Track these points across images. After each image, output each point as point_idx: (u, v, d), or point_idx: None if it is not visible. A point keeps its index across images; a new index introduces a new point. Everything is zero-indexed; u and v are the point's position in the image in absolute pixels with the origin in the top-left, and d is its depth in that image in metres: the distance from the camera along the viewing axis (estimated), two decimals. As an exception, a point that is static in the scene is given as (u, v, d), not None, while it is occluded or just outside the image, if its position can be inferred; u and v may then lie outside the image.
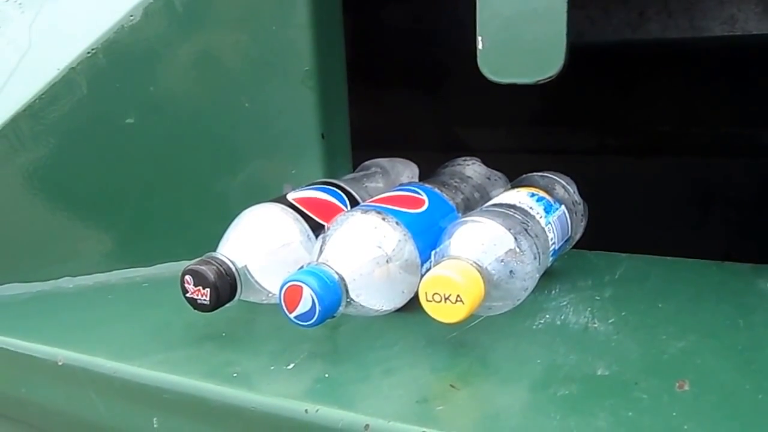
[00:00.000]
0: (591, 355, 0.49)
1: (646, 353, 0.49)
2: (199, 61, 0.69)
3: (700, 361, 0.48)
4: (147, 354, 0.54)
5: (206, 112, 0.70)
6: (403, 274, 0.54)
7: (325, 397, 0.46)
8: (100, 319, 0.63)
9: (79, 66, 0.65)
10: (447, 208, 0.61)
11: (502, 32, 0.54)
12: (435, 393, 0.47)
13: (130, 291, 0.68)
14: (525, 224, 0.55)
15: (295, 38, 0.68)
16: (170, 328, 0.59)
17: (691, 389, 0.44)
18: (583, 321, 0.55)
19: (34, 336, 0.58)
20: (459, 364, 0.50)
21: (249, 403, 0.47)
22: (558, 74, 0.53)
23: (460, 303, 0.48)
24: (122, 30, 0.66)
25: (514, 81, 0.54)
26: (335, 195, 0.63)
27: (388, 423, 0.42)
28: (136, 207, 0.70)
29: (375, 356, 0.51)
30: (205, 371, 0.51)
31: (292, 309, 0.49)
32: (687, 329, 0.53)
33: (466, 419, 0.44)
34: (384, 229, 0.54)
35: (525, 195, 0.60)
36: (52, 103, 0.65)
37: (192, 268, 0.54)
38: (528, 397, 0.45)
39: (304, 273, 0.49)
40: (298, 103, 0.70)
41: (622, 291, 0.61)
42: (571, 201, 0.64)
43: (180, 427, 0.50)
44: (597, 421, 0.41)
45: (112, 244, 0.70)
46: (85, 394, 0.54)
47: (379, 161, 0.75)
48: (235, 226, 0.58)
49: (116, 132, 0.68)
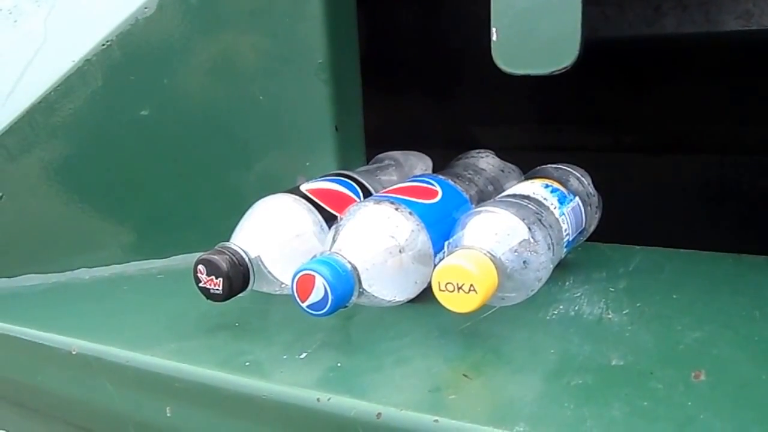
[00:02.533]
0: (605, 346, 0.49)
1: (661, 344, 0.49)
2: (212, 53, 0.69)
3: (716, 352, 0.47)
4: (160, 343, 0.54)
5: (220, 104, 0.71)
6: (415, 264, 0.54)
7: (338, 385, 0.46)
8: (115, 309, 0.63)
9: (94, 58, 0.65)
10: (460, 199, 0.60)
11: (517, 23, 0.53)
12: (448, 382, 0.47)
13: (145, 282, 0.68)
14: (539, 215, 0.54)
15: (309, 31, 0.68)
16: (184, 318, 0.59)
17: (707, 379, 0.44)
18: (598, 312, 0.54)
19: (50, 325, 0.59)
20: (472, 354, 0.50)
21: (261, 392, 0.47)
22: (573, 65, 0.52)
23: (473, 292, 0.48)
24: (137, 22, 0.66)
25: (528, 72, 0.54)
26: (348, 186, 0.63)
27: (400, 411, 0.42)
28: (150, 199, 0.70)
29: (387, 346, 0.51)
30: (218, 360, 0.51)
31: (304, 298, 0.49)
32: (702, 320, 0.52)
33: (479, 408, 0.43)
34: (397, 219, 0.54)
35: (539, 186, 0.60)
36: (67, 95, 0.65)
37: (205, 257, 0.54)
38: (542, 387, 0.45)
39: (316, 262, 0.49)
40: (312, 96, 0.70)
41: (636, 282, 0.60)
42: (585, 193, 0.64)
43: (193, 415, 0.50)
44: (611, 410, 0.41)
45: (127, 236, 0.71)
46: (99, 383, 0.54)
47: (392, 154, 0.75)
48: (249, 217, 0.58)
49: (131, 124, 0.68)
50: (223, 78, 0.70)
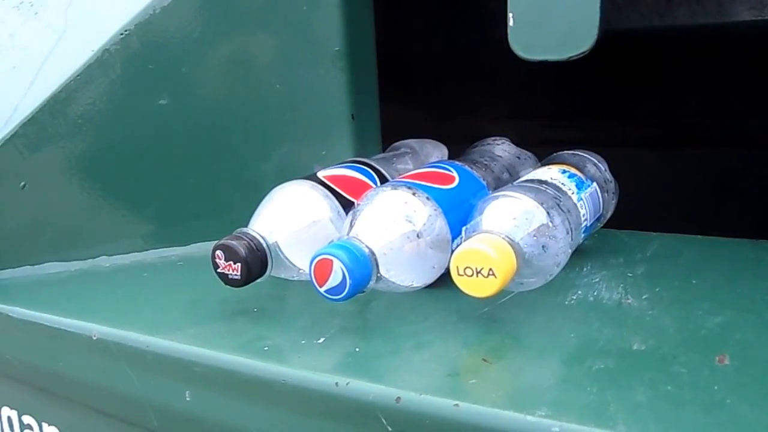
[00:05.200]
0: (626, 330, 0.48)
1: (683, 328, 0.48)
2: (230, 42, 0.70)
3: (740, 336, 0.47)
4: (180, 328, 0.54)
5: (237, 93, 0.71)
6: (433, 249, 0.54)
7: (356, 370, 0.46)
8: (135, 295, 0.64)
9: (113, 48, 0.66)
10: (478, 185, 0.60)
11: (533, 8, 0.53)
12: (467, 367, 0.47)
13: (164, 269, 0.69)
14: (557, 199, 0.54)
15: (326, 19, 0.69)
16: (203, 304, 0.59)
17: (731, 363, 0.43)
18: (617, 297, 0.54)
19: (71, 312, 0.59)
20: (491, 339, 0.50)
21: (280, 376, 0.47)
22: (591, 50, 0.52)
23: (492, 277, 0.47)
24: (155, 12, 0.66)
25: (545, 58, 0.53)
26: (365, 173, 0.63)
27: (419, 396, 0.42)
28: (169, 188, 0.71)
29: (406, 330, 0.51)
30: (237, 345, 0.51)
31: (322, 283, 0.49)
32: (723, 305, 0.51)
33: (499, 392, 0.43)
34: (414, 204, 0.54)
35: (557, 171, 0.59)
36: (86, 85, 0.66)
37: (223, 243, 0.54)
38: (563, 371, 0.45)
39: (334, 246, 0.49)
40: (329, 84, 0.70)
41: (654, 268, 0.59)
42: (602, 179, 0.63)
43: (212, 399, 0.51)
44: (636, 394, 0.40)
45: (147, 224, 0.71)
46: (119, 368, 0.55)
47: (408, 142, 0.75)
48: (266, 203, 0.59)
49: (150, 113, 0.69)
50: (240, 67, 0.70)
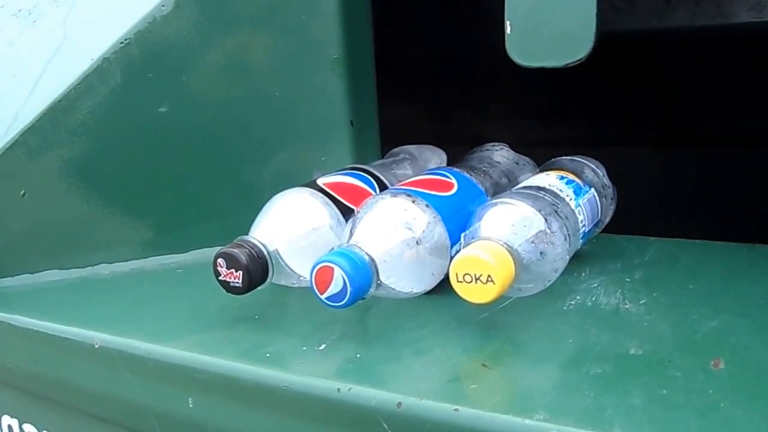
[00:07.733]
0: (623, 335, 0.49)
1: (679, 332, 0.49)
2: (229, 50, 0.70)
3: (735, 340, 0.47)
4: (181, 336, 0.55)
5: (237, 100, 0.71)
6: (432, 256, 0.54)
7: (357, 376, 0.46)
8: (136, 303, 0.64)
9: (113, 56, 0.66)
10: (476, 191, 0.61)
11: (530, 15, 0.53)
12: (467, 372, 0.47)
13: (164, 277, 0.69)
14: (555, 206, 0.55)
15: (324, 26, 0.69)
16: (204, 311, 0.60)
17: (726, 368, 0.44)
18: (614, 302, 0.55)
19: (72, 320, 0.59)
20: (490, 344, 0.50)
21: (282, 383, 0.47)
22: (588, 57, 0.52)
23: (491, 283, 0.48)
24: (154, 20, 0.67)
25: (542, 65, 0.54)
26: (364, 180, 0.64)
27: (420, 401, 0.42)
28: (169, 195, 0.71)
29: (406, 337, 0.52)
30: (239, 352, 0.51)
31: (323, 290, 0.50)
32: (719, 309, 0.52)
33: (499, 397, 0.44)
34: (414, 211, 0.54)
35: (554, 178, 0.60)
36: (86, 93, 0.66)
37: (224, 251, 0.54)
38: (560, 376, 0.45)
39: (335, 254, 0.50)
40: (327, 91, 0.71)
41: (652, 273, 0.60)
42: (600, 184, 0.64)
43: (214, 406, 0.51)
44: (631, 398, 0.41)
45: (146, 231, 0.71)
46: (121, 376, 0.55)
47: (407, 148, 0.75)
48: (267, 211, 0.59)
49: (150, 121, 0.69)
50: (239, 74, 0.71)
